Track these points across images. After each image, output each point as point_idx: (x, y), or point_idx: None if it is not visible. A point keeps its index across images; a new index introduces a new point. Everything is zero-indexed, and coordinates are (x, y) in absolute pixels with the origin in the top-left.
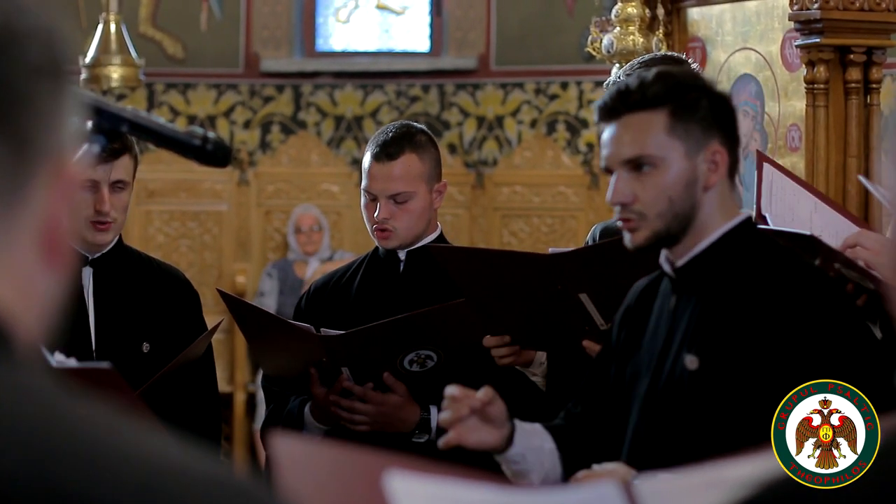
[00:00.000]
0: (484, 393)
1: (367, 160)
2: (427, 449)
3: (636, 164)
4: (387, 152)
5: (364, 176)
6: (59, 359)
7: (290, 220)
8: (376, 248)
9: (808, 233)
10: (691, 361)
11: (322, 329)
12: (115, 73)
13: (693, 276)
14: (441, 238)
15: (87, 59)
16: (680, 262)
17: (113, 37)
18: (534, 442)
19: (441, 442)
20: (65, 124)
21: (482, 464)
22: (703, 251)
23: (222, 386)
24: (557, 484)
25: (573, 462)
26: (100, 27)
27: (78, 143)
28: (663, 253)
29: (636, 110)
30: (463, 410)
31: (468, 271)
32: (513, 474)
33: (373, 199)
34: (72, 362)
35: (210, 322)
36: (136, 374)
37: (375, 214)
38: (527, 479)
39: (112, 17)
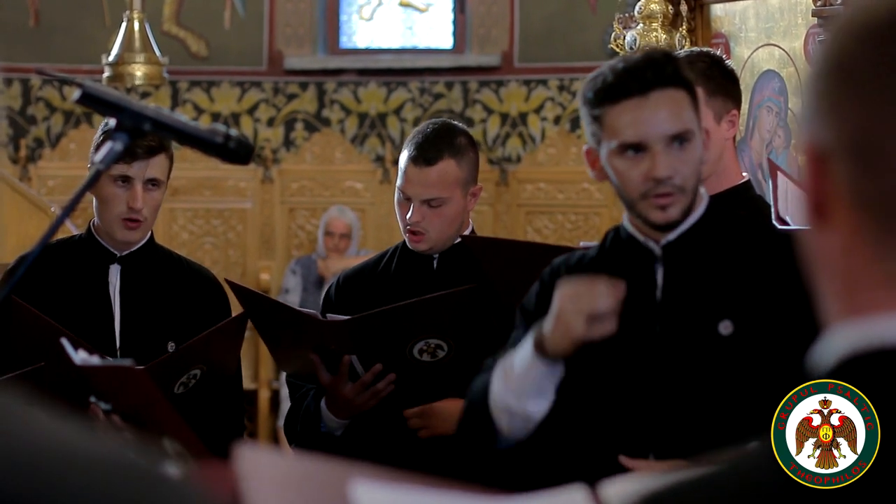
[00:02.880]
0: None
1: (404, 159)
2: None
3: (676, 140)
4: (425, 157)
5: (400, 175)
6: (82, 356)
7: (324, 218)
8: (404, 241)
9: None
10: (725, 327)
11: (328, 315)
12: (138, 71)
13: (688, 248)
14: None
15: (111, 57)
16: (672, 237)
17: (137, 35)
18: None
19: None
20: None
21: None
22: (696, 223)
23: (246, 383)
24: (524, 493)
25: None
26: (123, 25)
27: None
28: (639, 231)
29: (668, 86)
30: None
31: (501, 262)
32: (534, 390)
33: (407, 198)
34: (95, 360)
35: None
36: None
37: (408, 216)
38: (538, 402)
39: (136, 15)
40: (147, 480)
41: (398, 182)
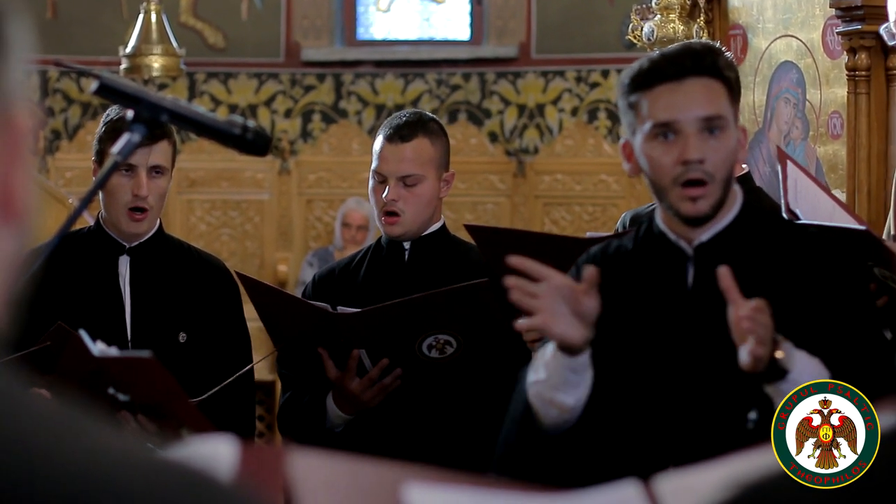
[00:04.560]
0: (589, 277)
1: (378, 142)
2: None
3: (709, 125)
4: (400, 134)
5: (375, 158)
6: (100, 348)
7: (341, 210)
8: (379, 238)
9: (862, 227)
10: None
11: (339, 307)
12: (156, 63)
13: (720, 250)
14: (443, 229)
15: (128, 49)
16: (705, 237)
17: (154, 26)
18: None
19: (522, 323)
20: (9, 75)
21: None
22: (730, 224)
23: (265, 374)
24: (576, 488)
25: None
26: (141, 17)
27: (27, 93)
28: (672, 231)
29: (704, 75)
30: (552, 299)
31: (504, 252)
32: (560, 382)
33: (382, 181)
34: (113, 351)
35: (248, 311)
36: (172, 364)
37: (384, 195)
38: (567, 393)
39: (153, 6)
40: (202, 486)
41: (373, 166)
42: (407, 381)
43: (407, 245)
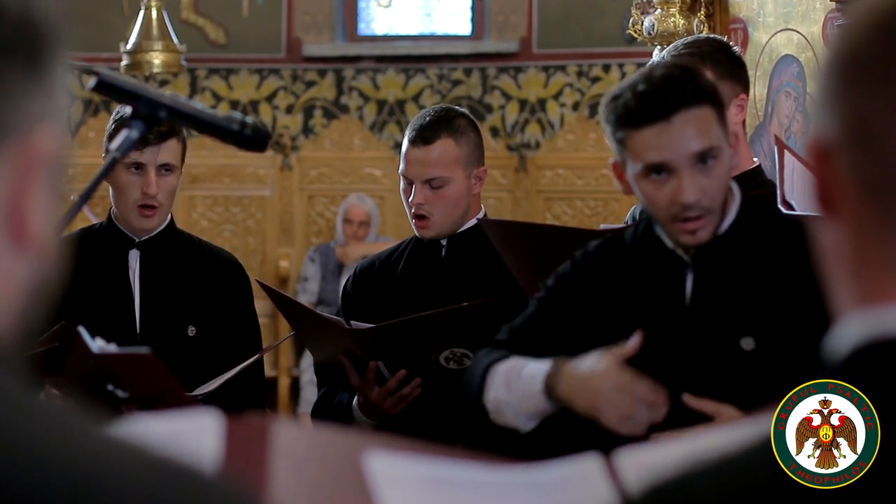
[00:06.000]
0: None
1: (404, 144)
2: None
3: (702, 158)
4: (423, 136)
5: (402, 160)
6: (99, 344)
7: (342, 206)
8: None
9: None
10: (747, 343)
11: (352, 322)
12: (156, 59)
13: (719, 255)
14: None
15: (129, 46)
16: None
17: (155, 23)
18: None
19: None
20: (36, 100)
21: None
22: (728, 228)
23: (266, 370)
24: (539, 461)
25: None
26: (141, 13)
27: (56, 118)
28: (669, 238)
29: (691, 106)
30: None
31: (516, 246)
32: (524, 416)
33: (410, 183)
34: (112, 347)
35: (259, 307)
36: (181, 358)
37: (410, 199)
38: (525, 423)
39: (154, 3)
40: (188, 479)
41: (400, 169)
42: (428, 390)
43: (444, 241)
